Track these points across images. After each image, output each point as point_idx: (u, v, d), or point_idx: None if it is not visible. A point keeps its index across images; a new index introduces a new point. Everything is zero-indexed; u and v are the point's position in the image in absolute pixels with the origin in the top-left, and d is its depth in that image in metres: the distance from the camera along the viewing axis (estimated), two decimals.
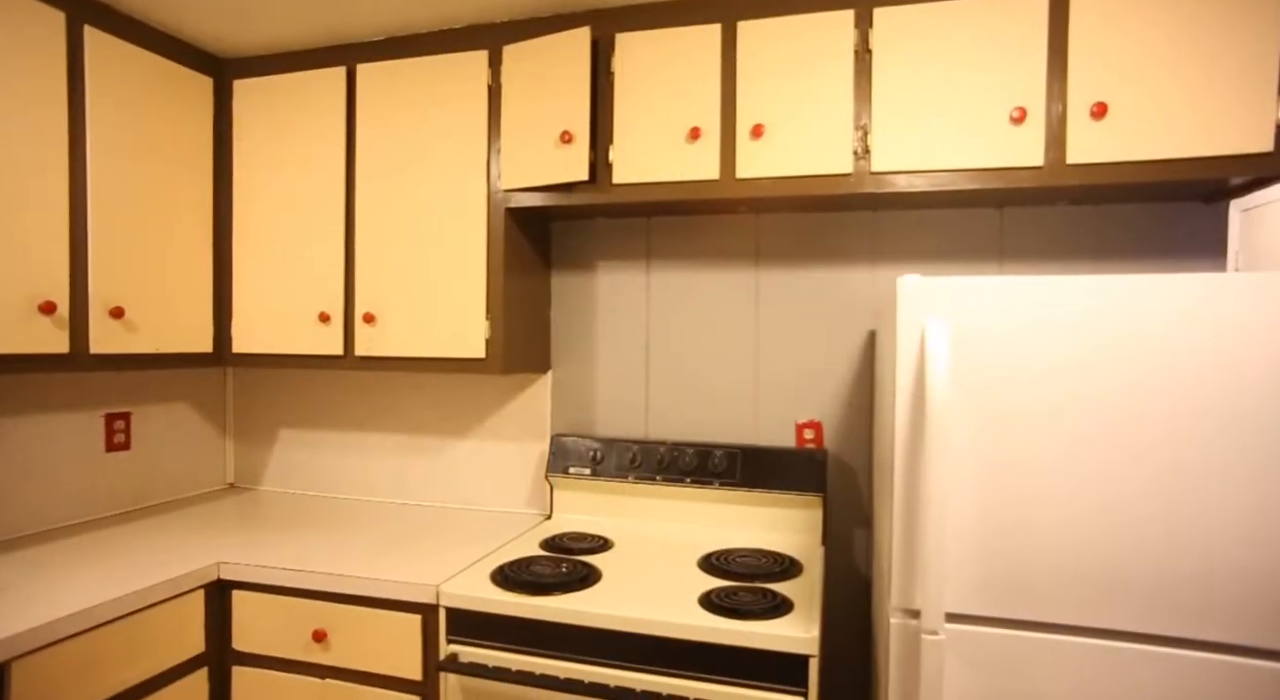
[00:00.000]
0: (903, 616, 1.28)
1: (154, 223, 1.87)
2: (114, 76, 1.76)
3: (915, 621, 1.27)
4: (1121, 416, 1.18)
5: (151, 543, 1.79)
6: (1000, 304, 1.23)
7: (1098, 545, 1.18)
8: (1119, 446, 1.18)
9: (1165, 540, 1.16)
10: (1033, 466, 1.21)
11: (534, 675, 1.41)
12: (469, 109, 1.84)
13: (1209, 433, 1.14)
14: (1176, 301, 1.16)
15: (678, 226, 2.03)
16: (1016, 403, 1.22)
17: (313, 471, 2.36)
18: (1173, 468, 1.15)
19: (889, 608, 1.30)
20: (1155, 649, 1.17)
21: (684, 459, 1.92)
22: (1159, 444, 1.16)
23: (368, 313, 1.91)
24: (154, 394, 2.19)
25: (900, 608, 1.28)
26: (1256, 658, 1.13)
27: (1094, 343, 1.19)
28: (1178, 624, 1.15)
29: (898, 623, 1.28)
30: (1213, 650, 1.15)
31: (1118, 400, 1.18)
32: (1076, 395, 1.19)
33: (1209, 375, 1.14)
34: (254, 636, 1.64)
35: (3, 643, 1.24)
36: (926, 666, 1.20)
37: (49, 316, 1.61)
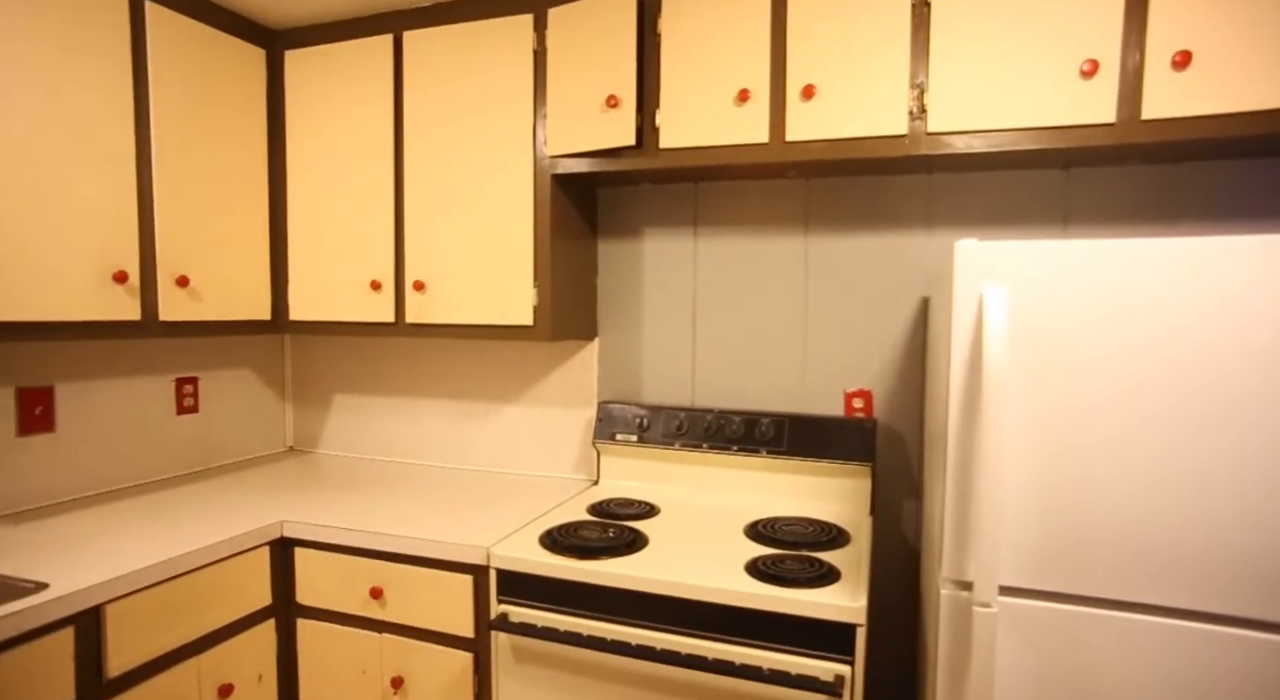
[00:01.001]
0: (954, 588, 1.26)
1: (214, 194, 1.93)
2: (173, 51, 1.80)
3: (966, 593, 1.25)
4: (1192, 389, 1.12)
5: (219, 501, 1.88)
6: (1064, 269, 1.18)
7: (1161, 520, 1.14)
8: (1189, 420, 1.12)
9: (1234, 518, 1.11)
10: (1095, 439, 1.17)
11: (581, 636, 1.45)
12: (515, 74, 1.82)
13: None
14: (1262, 266, 1.09)
15: (725, 192, 1.99)
16: (1079, 373, 1.17)
17: (367, 436, 2.44)
18: (1244, 444, 1.10)
19: (939, 579, 1.29)
20: (1218, 628, 1.13)
21: (730, 427, 1.91)
22: (1233, 419, 1.10)
23: (417, 280, 1.94)
24: (219, 360, 2.28)
25: (951, 579, 1.26)
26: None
27: (1167, 311, 1.13)
28: (1241, 603, 1.11)
29: (948, 594, 1.26)
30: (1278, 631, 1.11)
31: (1189, 372, 1.12)
32: (1144, 366, 1.14)
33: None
34: (316, 591, 1.72)
35: (98, 587, 1.34)
36: (978, 639, 1.18)
37: (121, 285, 1.69)
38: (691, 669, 1.36)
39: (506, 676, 1.54)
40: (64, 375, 1.86)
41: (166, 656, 1.48)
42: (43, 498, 1.82)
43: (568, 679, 1.49)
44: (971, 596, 1.21)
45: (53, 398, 1.83)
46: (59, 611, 1.28)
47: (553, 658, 1.50)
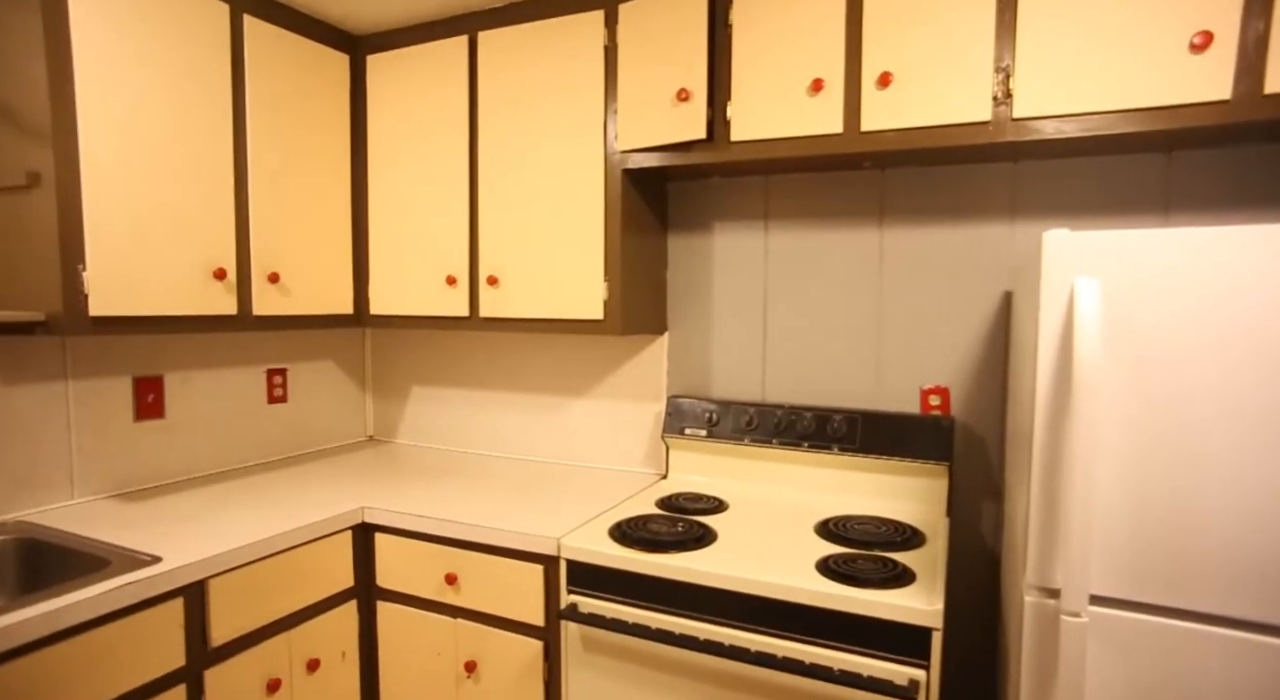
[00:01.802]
0: (1039, 595, 1.21)
1: (301, 194, 2.03)
2: (266, 62, 1.90)
3: (1053, 601, 1.19)
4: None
5: (306, 487, 1.98)
6: (1166, 260, 1.10)
7: (1271, 532, 1.05)
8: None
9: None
10: (1197, 443, 1.09)
11: (649, 629, 1.46)
12: (586, 70, 1.84)
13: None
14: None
15: (797, 184, 1.95)
16: (1180, 372, 1.10)
17: (442, 426, 2.52)
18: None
19: (1023, 584, 1.23)
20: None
21: (802, 423, 1.88)
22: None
23: (491, 275, 1.99)
24: (305, 352, 2.40)
25: (1036, 586, 1.20)
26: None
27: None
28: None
29: (1033, 602, 1.21)
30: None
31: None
32: (1255, 365, 1.06)
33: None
34: (394, 575, 1.79)
35: (204, 562, 1.44)
36: (1066, 650, 1.13)
37: (220, 282, 1.80)
38: (759, 666, 1.35)
39: (576, 665, 1.57)
40: (171, 366, 1.99)
41: (261, 630, 1.57)
42: (155, 478, 1.96)
43: (635, 671, 1.50)
44: (1059, 605, 1.15)
45: (162, 387, 1.97)
46: (170, 583, 1.38)
47: (621, 649, 1.51)
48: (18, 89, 1.51)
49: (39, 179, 1.50)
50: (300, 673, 1.66)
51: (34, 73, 1.48)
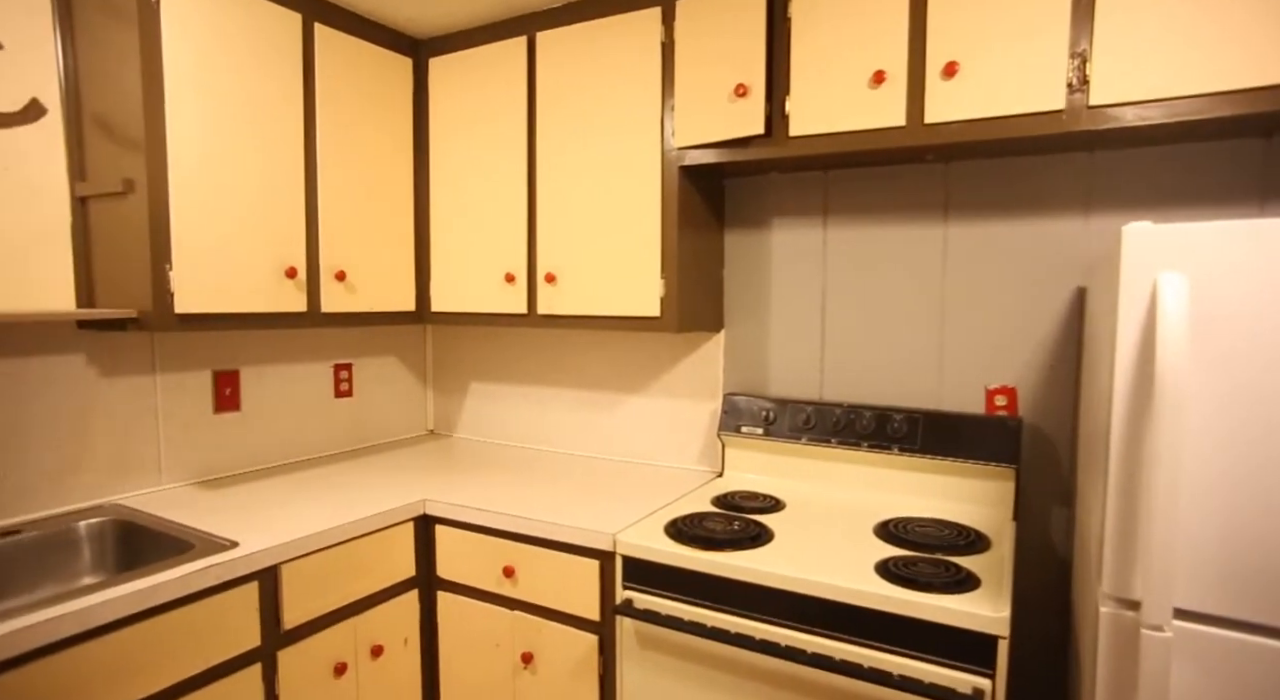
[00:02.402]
0: (1116, 606, 1.15)
1: (366, 195, 2.09)
2: (334, 66, 1.97)
3: (1132, 613, 1.14)
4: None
5: (370, 479, 2.05)
6: (1260, 254, 1.04)
7: None
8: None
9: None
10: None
11: (704, 627, 1.45)
12: (643, 68, 1.84)
13: None
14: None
15: (857, 179, 1.91)
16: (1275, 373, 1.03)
17: (500, 422, 2.57)
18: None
19: (1098, 594, 1.18)
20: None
21: (861, 422, 1.85)
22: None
23: (549, 273, 2.01)
24: (370, 348, 2.48)
25: (1113, 596, 1.15)
26: None
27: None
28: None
29: (1110, 613, 1.15)
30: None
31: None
32: None
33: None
34: (454, 566, 1.83)
35: (277, 548, 1.51)
36: (1148, 666, 1.07)
37: (292, 280, 1.87)
38: (816, 668, 1.33)
39: (630, 661, 1.58)
40: (246, 360, 2.09)
41: (329, 615, 1.63)
42: (231, 467, 2.06)
43: (690, 668, 1.50)
44: (1139, 617, 1.10)
45: (238, 380, 2.07)
46: (247, 568, 1.45)
47: (676, 646, 1.52)
48: (116, 102, 1.61)
49: (133, 185, 1.59)
50: (365, 658, 1.72)
51: (129, 87, 1.58)
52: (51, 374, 1.69)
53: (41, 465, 1.68)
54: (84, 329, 1.74)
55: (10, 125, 1.61)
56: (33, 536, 1.57)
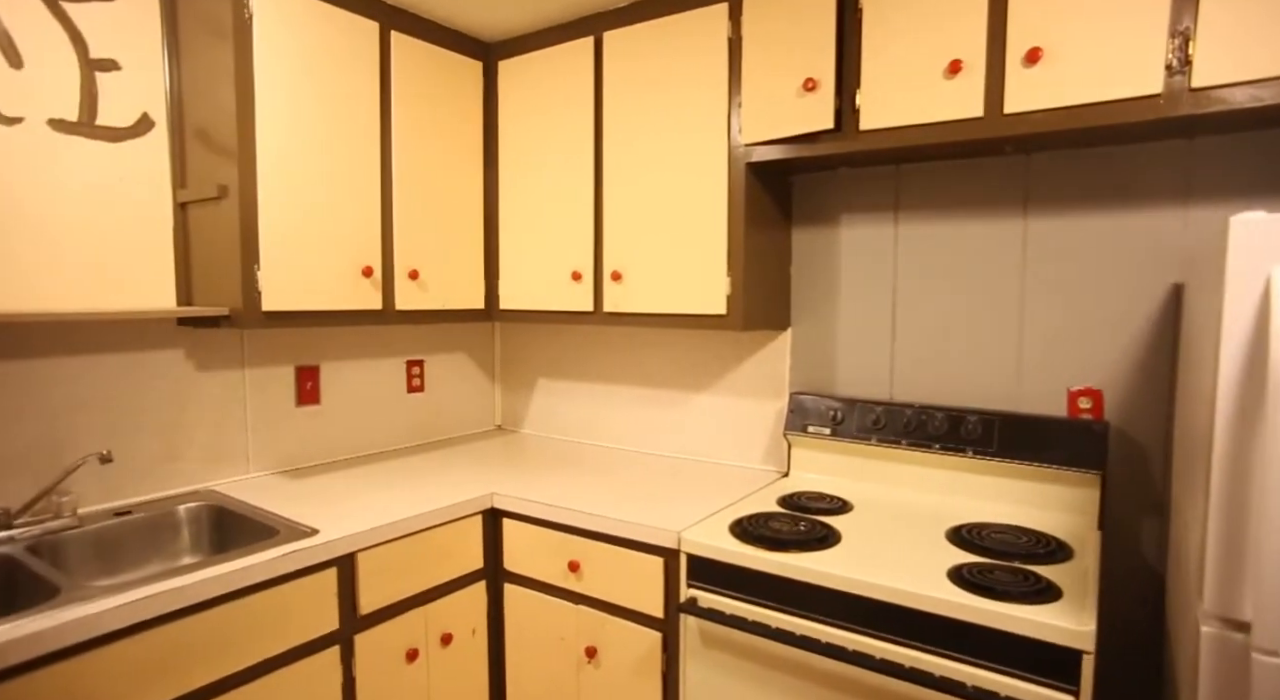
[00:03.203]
0: (1220, 626, 1.08)
1: (438, 195, 2.16)
2: (409, 72, 2.04)
3: (1241, 636, 1.06)
4: None
5: (440, 472, 2.11)
6: None
7: None
8: None
9: None
10: None
11: (769, 628, 1.44)
12: (709, 64, 1.83)
13: None
14: None
15: (931, 173, 1.85)
16: None
17: (566, 418, 2.61)
18: None
19: (1198, 613, 1.11)
20: None
21: (933, 423, 1.79)
22: None
23: (615, 271, 2.03)
24: (440, 345, 2.56)
25: (1217, 616, 1.08)
26: None
27: None
28: None
29: (1213, 633, 1.08)
30: None
31: None
32: None
33: None
34: (521, 560, 1.87)
35: (354, 536, 1.57)
36: (1262, 693, 1.00)
37: (368, 279, 1.95)
38: (882, 674, 1.30)
39: (694, 659, 1.58)
40: (325, 356, 2.19)
41: (402, 602, 1.69)
42: (311, 458, 2.17)
43: (754, 669, 1.49)
44: (1249, 640, 1.02)
45: (319, 375, 2.17)
46: (327, 554, 1.52)
47: (740, 646, 1.51)
48: (213, 114, 1.71)
49: (226, 191, 1.69)
50: (435, 645, 1.77)
51: (224, 99, 1.67)
52: (155, 367, 1.81)
53: (148, 452, 1.80)
54: (183, 325, 1.85)
55: (123, 139, 1.73)
56: (141, 517, 1.69)
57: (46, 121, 1.61)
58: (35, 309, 1.60)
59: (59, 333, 1.65)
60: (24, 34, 1.57)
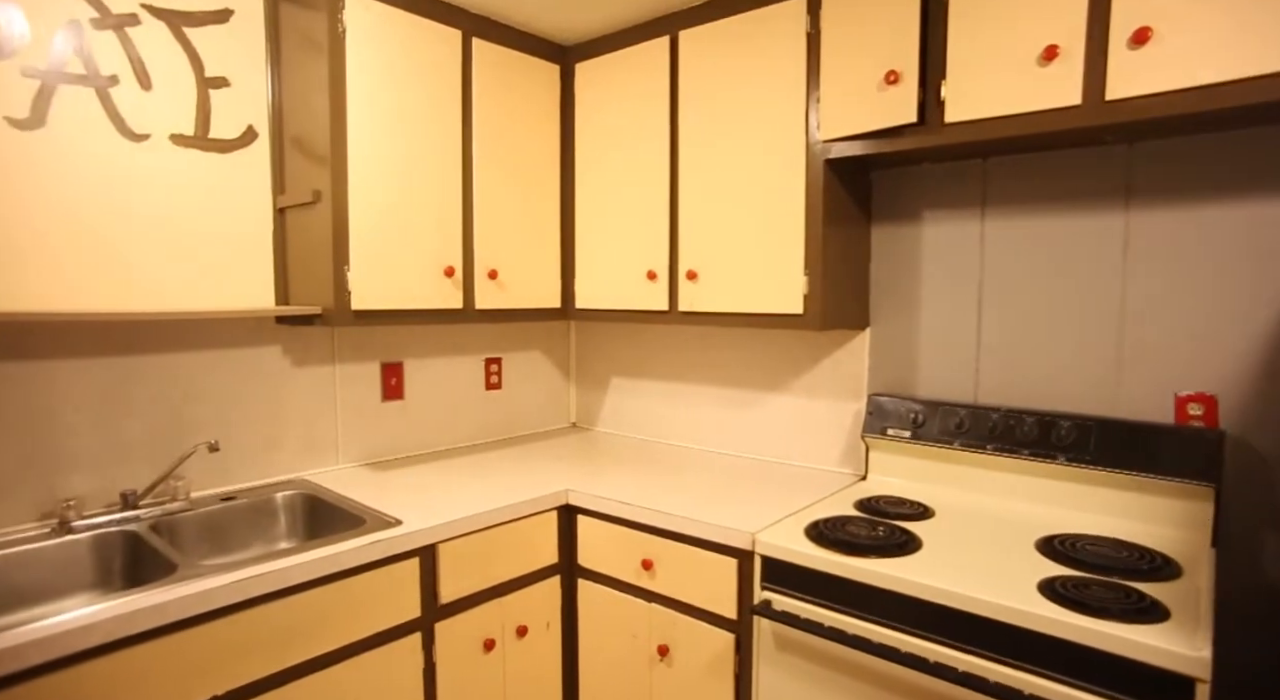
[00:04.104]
0: None
1: (516, 196, 2.21)
2: (489, 77, 2.10)
3: None
4: None
5: (517, 468, 2.16)
6: None
7: None
8: None
9: None
10: None
11: (845, 634, 1.41)
12: (787, 60, 1.81)
13: None
14: None
15: (1021, 166, 1.77)
16: None
17: (640, 416, 2.62)
18: None
19: None
20: None
21: (1021, 428, 1.71)
22: None
23: (690, 270, 2.03)
24: (517, 343, 2.62)
25: None
26: None
27: None
28: None
29: None
30: None
31: None
32: None
33: None
34: (594, 556, 1.89)
35: (436, 528, 1.63)
36: None
37: (449, 279, 2.02)
38: (965, 688, 1.25)
39: (767, 662, 1.56)
40: (408, 354, 2.28)
41: (480, 593, 1.74)
42: (395, 451, 2.26)
43: (828, 675, 1.46)
44: None
45: (402, 372, 2.26)
46: (410, 544, 1.58)
47: (814, 651, 1.48)
48: (309, 123, 1.81)
49: (320, 196, 1.78)
50: (511, 637, 1.82)
51: (319, 108, 1.77)
52: (257, 363, 1.93)
53: (250, 442, 1.93)
54: (281, 323, 1.97)
55: (231, 150, 1.85)
56: (244, 503, 1.81)
57: (168, 136, 1.74)
58: (157, 308, 1.73)
59: (176, 330, 1.78)
60: (153, 59, 1.71)
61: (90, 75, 1.62)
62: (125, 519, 1.63)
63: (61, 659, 1.13)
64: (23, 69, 1.53)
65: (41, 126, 1.56)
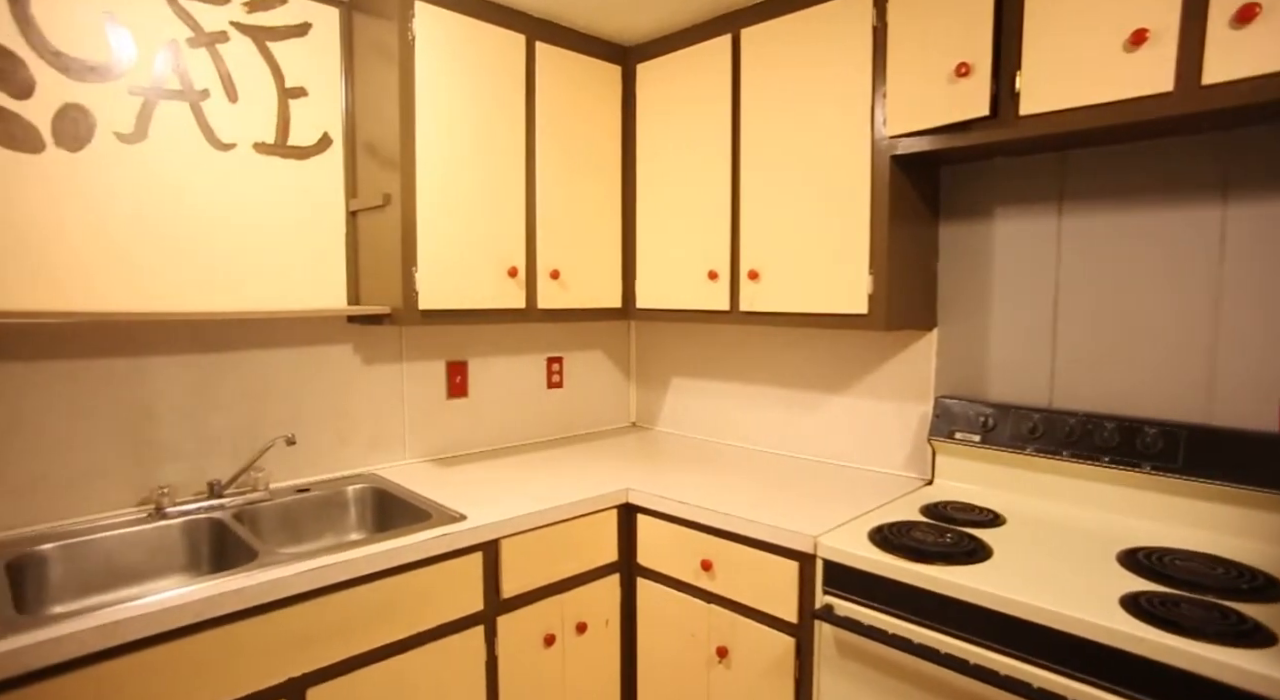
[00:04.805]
0: None
1: (578, 197, 2.23)
2: (552, 80, 2.13)
3: None
4: None
5: (577, 466, 2.18)
6: None
7: None
8: None
9: None
10: None
11: (911, 643, 1.37)
12: (852, 55, 1.77)
13: None
14: None
15: (1104, 159, 1.68)
16: None
17: (699, 417, 2.61)
18: None
19: None
20: None
21: (1101, 434, 1.62)
22: None
23: (752, 270, 2.01)
24: (578, 342, 2.65)
25: None
26: None
27: None
28: None
29: None
30: None
31: None
32: None
33: None
34: (654, 555, 1.90)
35: (499, 524, 1.67)
36: None
37: (513, 279, 2.05)
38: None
39: (828, 668, 1.53)
40: (472, 353, 2.33)
41: (540, 589, 1.77)
42: (459, 448, 2.32)
43: (892, 684, 1.42)
44: None
45: (466, 370, 2.32)
46: (473, 539, 1.62)
47: (877, 658, 1.44)
48: (380, 128, 1.88)
49: (389, 199, 1.85)
50: (571, 632, 1.84)
51: (389, 114, 1.83)
52: (329, 360, 2.01)
53: (323, 436, 2.01)
54: (352, 323, 2.05)
55: (308, 156, 1.94)
56: (317, 495, 1.89)
57: (251, 145, 1.84)
58: (239, 308, 1.83)
59: (256, 329, 1.87)
60: (240, 73, 1.81)
61: (185, 90, 1.72)
62: (211, 507, 1.72)
63: (158, 635, 1.21)
64: (129, 88, 1.64)
65: (144, 140, 1.67)
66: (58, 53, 1.55)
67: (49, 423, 1.59)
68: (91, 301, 1.63)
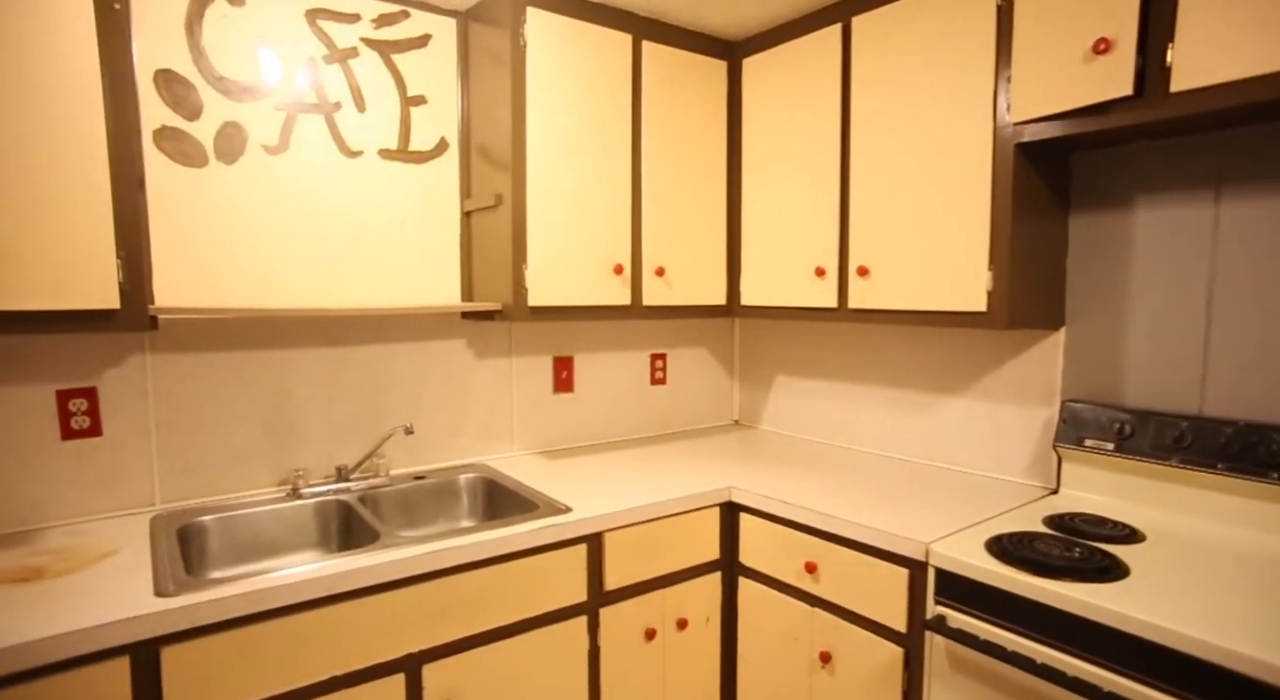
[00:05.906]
0: None
1: (683, 195, 2.23)
2: (658, 78, 2.14)
3: None
4: None
5: (680, 463, 2.19)
6: None
7: None
8: None
9: None
10: None
11: (1032, 662, 1.28)
12: (974, 38, 1.67)
13: None
14: None
15: (1269, 138, 1.50)
16: None
17: (804, 416, 2.56)
18: None
19: None
20: None
21: (1264, 446, 1.46)
22: None
23: (861, 266, 1.94)
24: (682, 340, 2.66)
25: None
26: None
27: None
28: None
29: None
30: None
31: None
32: None
33: None
34: (756, 555, 1.88)
35: (603, 517, 1.71)
36: None
37: (618, 276, 2.09)
38: None
39: (940, 683, 1.46)
40: (578, 348, 2.39)
41: (642, 583, 1.79)
42: (564, 441, 2.38)
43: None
44: None
45: (573, 366, 2.38)
46: (578, 531, 1.66)
47: (994, 676, 1.36)
48: (492, 131, 1.96)
49: (501, 199, 1.92)
50: (671, 628, 1.85)
51: (501, 117, 1.90)
52: (445, 355, 2.12)
53: (438, 427, 2.12)
54: (465, 319, 2.15)
55: (427, 160, 2.05)
56: (433, 482, 1.99)
57: (377, 151, 1.97)
58: (365, 305, 1.96)
59: (379, 324, 2.00)
60: (367, 84, 1.94)
61: (321, 103, 1.87)
62: (339, 490, 1.86)
63: (293, 605, 1.32)
64: (275, 104, 1.80)
65: (285, 151, 1.83)
66: (220, 77, 1.72)
67: (209, 408, 1.77)
68: (242, 299, 1.80)
